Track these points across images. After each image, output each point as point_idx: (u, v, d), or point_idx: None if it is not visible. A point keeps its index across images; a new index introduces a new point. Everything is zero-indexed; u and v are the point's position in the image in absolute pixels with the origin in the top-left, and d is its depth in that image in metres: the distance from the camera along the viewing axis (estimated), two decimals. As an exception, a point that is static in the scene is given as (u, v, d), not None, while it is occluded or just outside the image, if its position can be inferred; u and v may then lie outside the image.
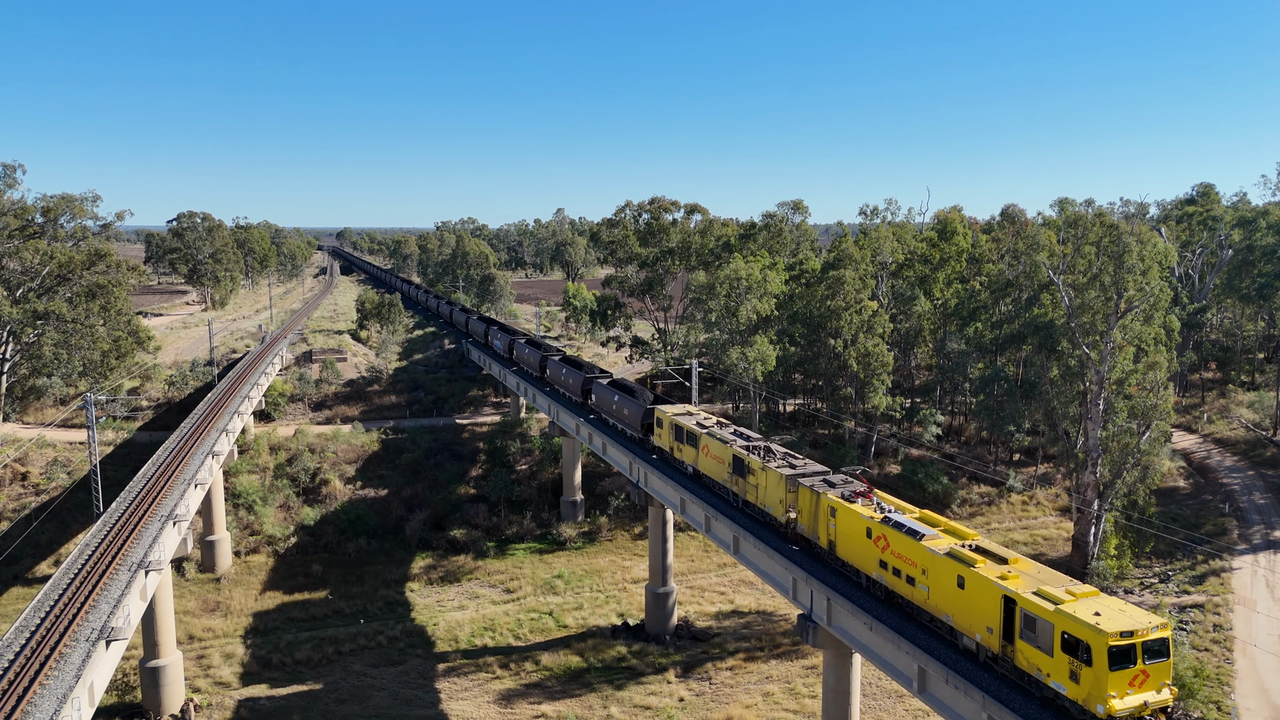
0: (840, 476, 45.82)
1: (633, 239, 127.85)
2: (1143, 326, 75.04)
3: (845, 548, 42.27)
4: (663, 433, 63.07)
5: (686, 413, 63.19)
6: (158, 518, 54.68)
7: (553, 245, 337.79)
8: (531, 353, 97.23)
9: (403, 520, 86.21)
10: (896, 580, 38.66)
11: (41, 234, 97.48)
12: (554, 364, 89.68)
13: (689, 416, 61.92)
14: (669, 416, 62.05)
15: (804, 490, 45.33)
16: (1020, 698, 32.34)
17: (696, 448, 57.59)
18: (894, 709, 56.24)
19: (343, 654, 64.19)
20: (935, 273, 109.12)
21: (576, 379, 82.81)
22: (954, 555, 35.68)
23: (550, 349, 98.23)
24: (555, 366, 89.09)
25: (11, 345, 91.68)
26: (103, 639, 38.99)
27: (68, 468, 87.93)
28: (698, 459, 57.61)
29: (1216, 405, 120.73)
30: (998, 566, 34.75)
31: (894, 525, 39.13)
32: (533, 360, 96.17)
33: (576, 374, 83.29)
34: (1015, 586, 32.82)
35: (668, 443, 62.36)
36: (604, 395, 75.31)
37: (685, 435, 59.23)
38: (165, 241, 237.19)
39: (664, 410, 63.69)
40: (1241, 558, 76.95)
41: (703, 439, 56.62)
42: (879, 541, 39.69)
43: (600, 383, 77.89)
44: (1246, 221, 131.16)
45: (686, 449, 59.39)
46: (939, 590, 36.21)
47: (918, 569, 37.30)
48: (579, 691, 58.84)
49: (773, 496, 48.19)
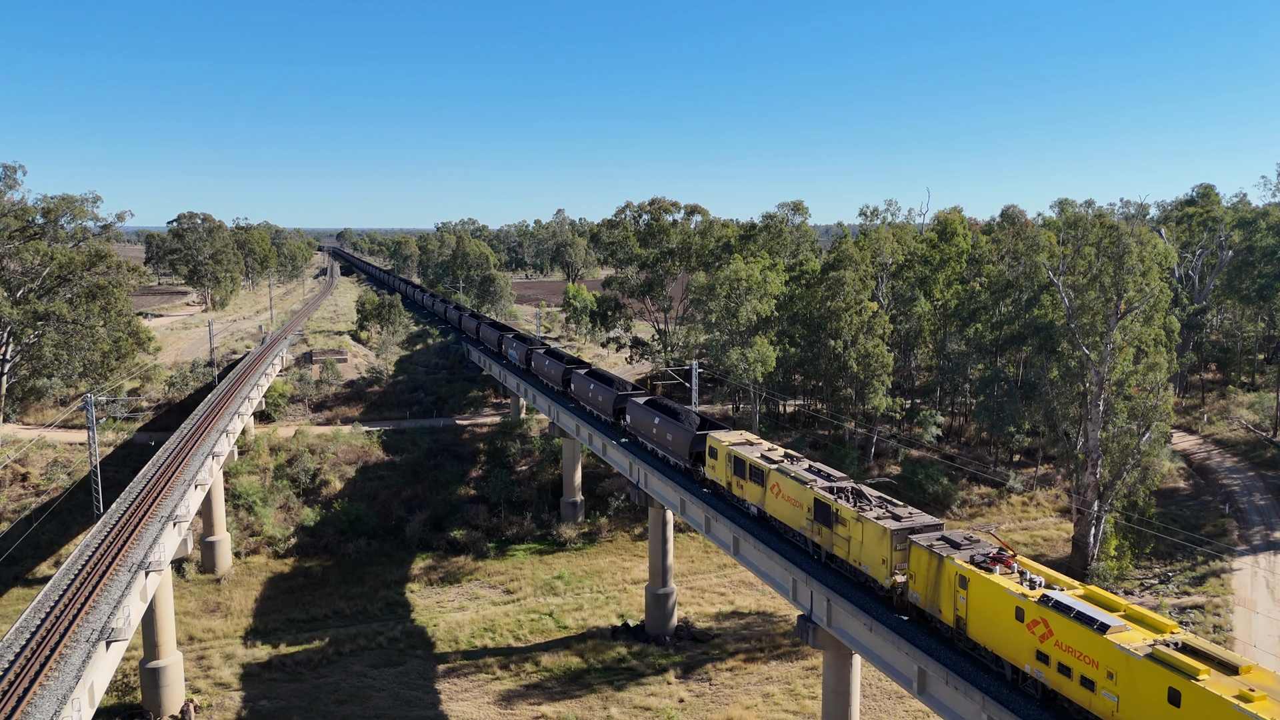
0: (961, 533, 38.26)
1: (633, 240, 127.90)
2: (1143, 327, 75.07)
3: (982, 629, 34.15)
4: (717, 464, 54.85)
5: (746, 441, 54.56)
6: (158, 518, 54.71)
7: (553, 246, 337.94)
8: (552, 365, 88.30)
9: (403, 521, 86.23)
10: (1064, 680, 30.68)
11: (42, 235, 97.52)
12: (579, 378, 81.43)
13: (751, 447, 53.45)
14: (725, 446, 53.87)
15: (919, 551, 37.46)
16: (1020, 698, 32.33)
17: (763, 485, 49.64)
18: (894, 710, 56.25)
19: (343, 655, 64.19)
20: (935, 274, 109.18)
21: (608, 396, 74.26)
22: (1160, 659, 27.48)
23: (573, 361, 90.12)
24: (581, 381, 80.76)
25: (12, 346, 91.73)
26: (103, 640, 39.01)
27: (68, 468, 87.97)
28: (764, 499, 49.66)
29: (1216, 406, 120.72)
30: (1228, 679, 26.27)
31: (1059, 608, 30.85)
32: (554, 374, 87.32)
33: (607, 390, 74.90)
34: (1271, 717, 24.36)
35: (724, 477, 54.09)
36: (641, 416, 66.87)
37: (749, 470, 51.10)
38: (165, 242, 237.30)
39: (719, 438, 55.16)
40: (1242, 559, 76.96)
41: (771, 476, 48.71)
42: (1036, 627, 31.50)
43: (636, 401, 69.39)
44: (1246, 222, 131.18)
45: (750, 486, 51.32)
46: (1137, 703, 28.05)
47: (1100, 670, 29.21)
48: (579, 692, 58.84)
49: (872, 554, 40.17)
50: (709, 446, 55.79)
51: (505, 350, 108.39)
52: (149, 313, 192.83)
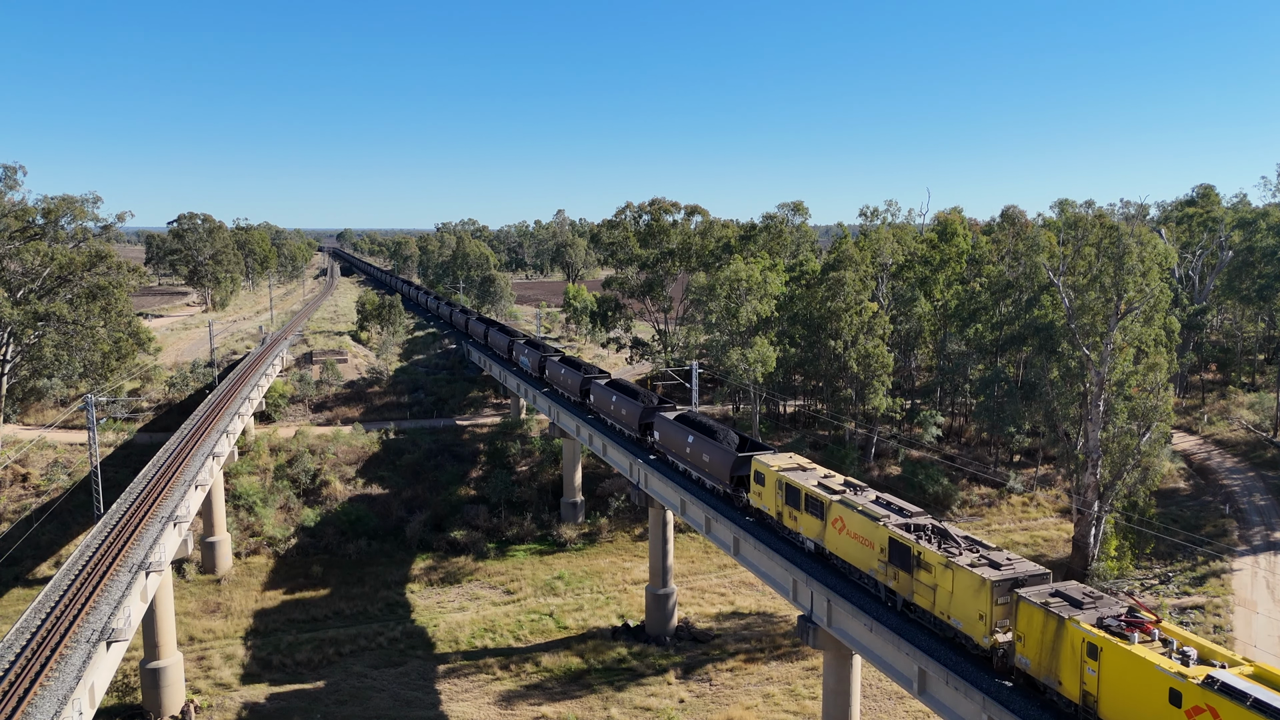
0: (1079, 586, 32.46)
1: (633, 240, 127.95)
2: (1143, 328, 75.11)
3: (1121, 710, 28.69)
4: (764, 491, 49.70)
5: (797, 466, 49.24)
6: (158, 519, 54.74)
7: (553, 246, 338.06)
8: (569, 374, 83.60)
9: (403, 521, 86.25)
10: None
11: (42, 235, 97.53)
12: (600, 389, 76.10)
13: (804, 473, 48.08)
14: (774, 471, 48.70)
15: (1030, 609, 31.86)
16: (1020, 699, 32.34)
17: (823, 519, 44.23)
18: (894, 710, 56.27)
19: (343, 655, 64.23)
20: (935, 274, 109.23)
21: (632, 409, 68.64)
22: None
23: (592, 369, 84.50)
24: (602, 393, 75.29)
25: (12, 346, 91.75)
26: (103, 640, 39.03)
27: (68, 469, 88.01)
28: (824, 534, 44.24)
29: (1217, 406, 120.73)
30: None
31: (1230, 694, 25.43)
32: (571, 383, 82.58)
33: (632, 403, 69.19)
34: None
35: (773, 505, 48.99)
36: (672, 434, 61.39)
37: (805, 500, 45.72)
38: (166, 243, 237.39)
39: (766, 462, 49.81)
40: (1242, 559, 76.98)
41: (834, 509, 43.28)
42: (1199, 716, 26.08)
43: (665, 416, 64.20)
44: (1246, 223, 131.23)
45: (805, 519, 45.94)
46: None
47: None
48: (579, 693, 58.86)
49: (966, 607, 34.82)
50: (754, 471, 50.61)
51: (516, 357, 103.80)
52: (149, 313, 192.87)
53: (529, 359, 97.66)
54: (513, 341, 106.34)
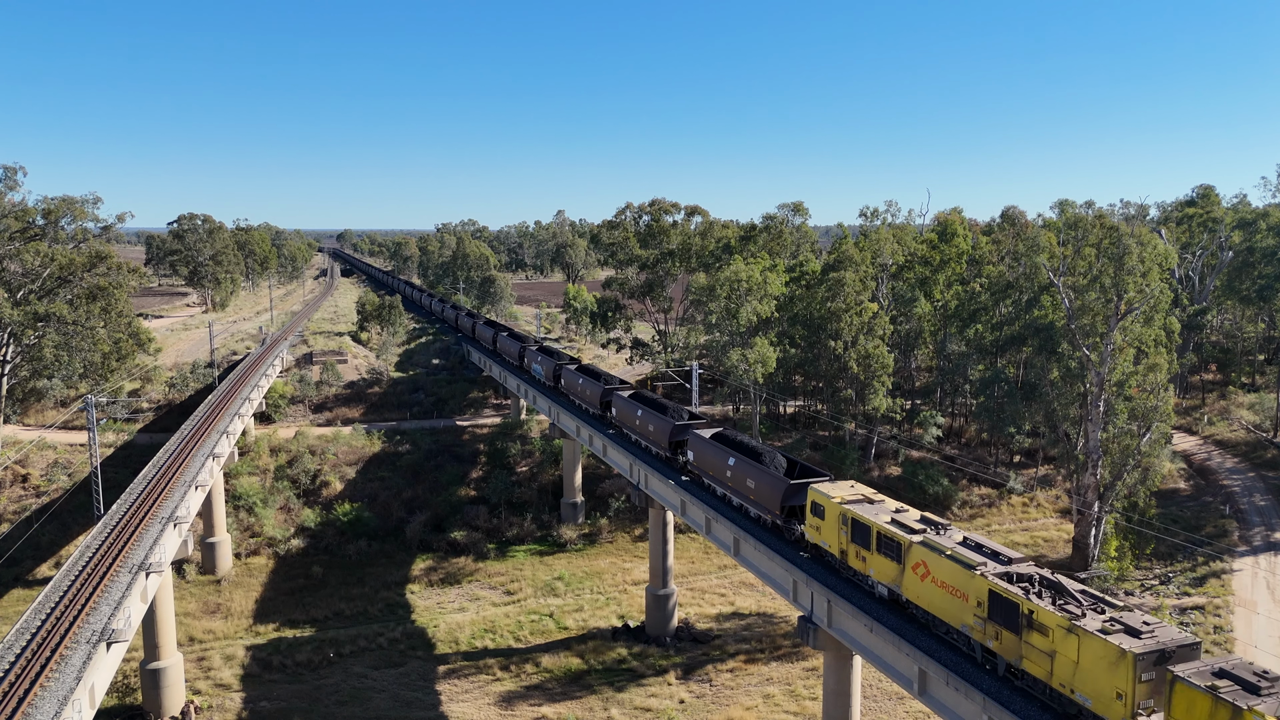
0: (1246, 664, 27.07)
1: (633, 241, 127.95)
2: (1143, 328, 75.11)
3: None
4: (824, 526, 43.68)
5: (863, 498, 43.37)
6: (158, 519, 54.76)
7: (553, 247, 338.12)
8: (588, 384, 78.78)
9: (403, 522, 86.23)
10: None
11: (42, 236, 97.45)
12: (622, 401, 70.64)
13: (871, 506, 42.24)
14: (837, 504, 42.60)
15: (1192, 695, 25.99)
16: (1021, 699, 32.34)
17: (900, 562, 38.39)
18: (895, 711, 56.26)
19: (343, 656, 64.22)
20: (935, 274, 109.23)
21: (661, 425, 62.86)
22: None
23: (611, 379, 79.19)
24: (625, 405, 69.68)
25: (12, 347, 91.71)
26: (103, 641, 39.04)
27: (68, 469, 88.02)
28: (901, 579, 38.28)
29: (1217, 407, 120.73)
30: None
31: None
32: (590, 394, 77.82)
33: (660, 419, 63.55)
34: None
35: (835, 543, 42.87)
36: (710, 455, 55.70)
37: (877, 540, 39.86)
38: (166, 243, 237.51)
39: (826, 493, 43.81)
40: (1242, 559, 76.98)
41: (914, 551, 37.55)
42: None
43: (699, 433, 58.07)
44: (1247, 223, 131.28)
45: (878, 560, 39.87)
46: None
47: None
48: (579, 693, 58.86)
49: (1097, 683, 28.94)
50: (811, 502, 44.79)
51: (528, 364, 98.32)
52: (149, 314, 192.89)
53: (542, 367, 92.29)
54: (524, 348, 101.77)
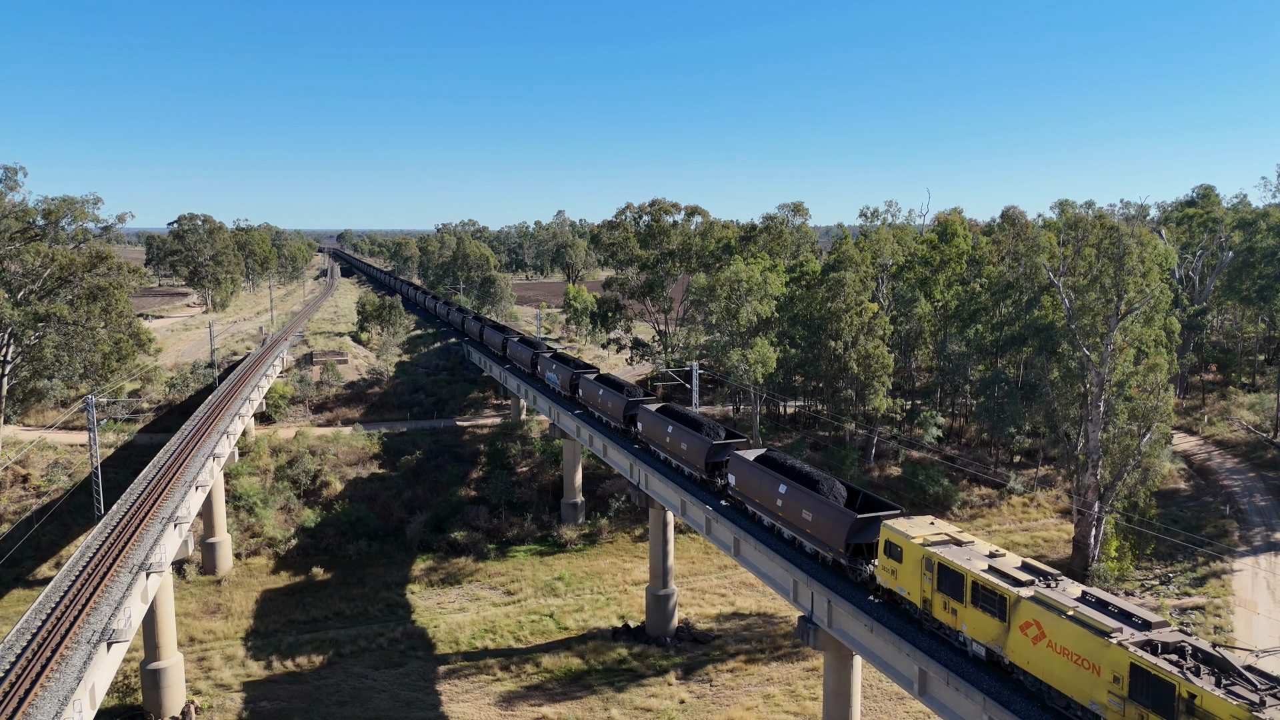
0: None
1: (633, 241, 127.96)
2: (1143, 328, 75.14)
3: None
4: (901, 570, 37.95)
5: (948, 538, 37.36)
6: (159, 520, 54.78)
7: (553, 247, 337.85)
8: (610, 396, 73.11)
9: (403, 522, 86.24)
10: None
11: (43, 236, 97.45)
12: (649, 416, 65.33)
13: (961, 549, 36.38)
14: (918, 546, 36.92)
15: None
16: (1021, 699, 32.34)
17: (1003, 619, 32.57)
18: (895, 711, 56.26)
19: (343, 656, 64.23)
20: (935, 275, 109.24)
21: (696, 445, 57.39)
22: None
23: (634, 390, 74.06)
24: (653, 421, 64.20)
25: (13, 347, 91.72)
26: (104, 641, 39.06)
27: (69, 470, 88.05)
28: (1005, 639, 32.49)
29: (1217, 407, 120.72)
30: None
31: None
32: (612, 407, 72.10)
33: (694, 436, 58.07)
34: None
35: (916, 589, 37.07)
36: (755, 479, 50.08)
37: (973, 591, 33.92)
38: (166, 244, 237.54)
39: (902, 531, 38.26)
40: (1242, 559, 76.97)
41: (1023, 608, 31.62)
42: None
43: (741, 455, 52.68)
44: (1247, 223, 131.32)
45: (973, 615, 34.03)
46: None
47: None
48: (580, 693, 58.87)
49: None
50: (885, 541, 38.95)
51: (542, 372, 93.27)
52: (149, 314, 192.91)
53: (558, 375, 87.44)
54: (537, 354, 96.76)
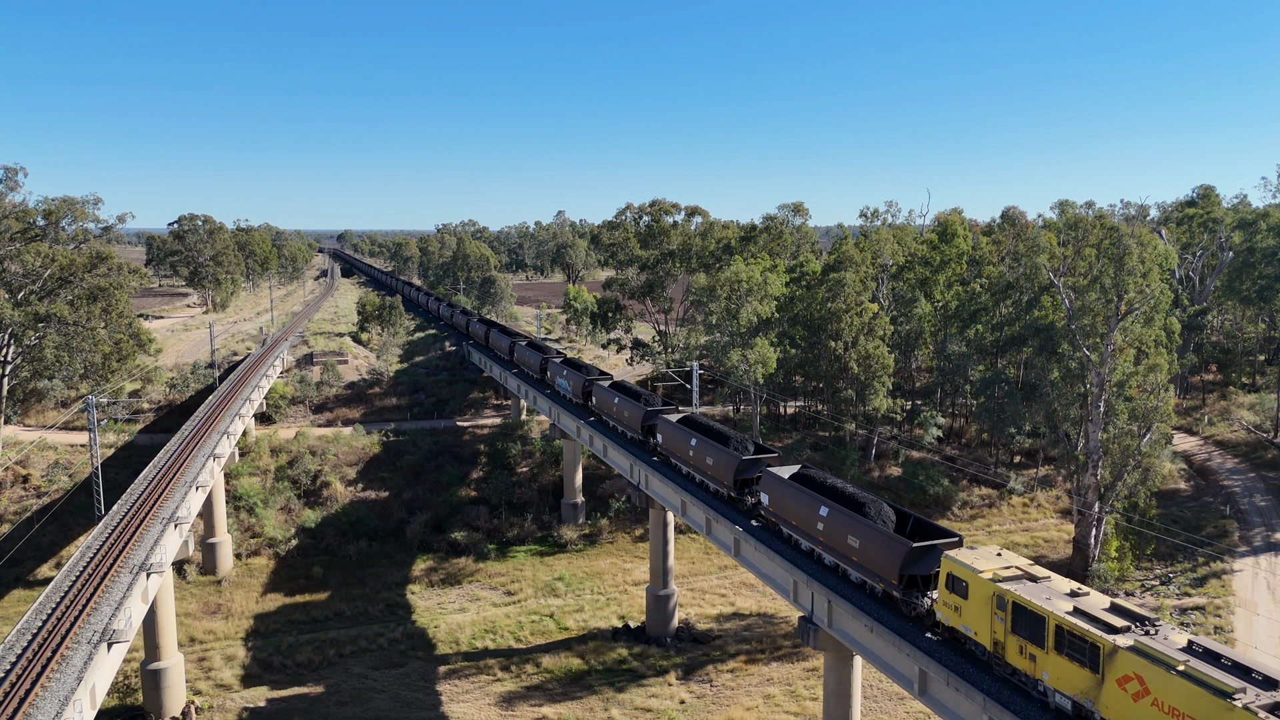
0: None
1: (633, 241, 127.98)
2: (1143, 329, 75.14)
3: None
4: (968, 607, 34.22)
5: (1021, 573, 33.54)
6: (159, 520, 54.79)
7: (553, 248, 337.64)
8: (626, 405, 69.78)
9: (404, 522, 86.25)
10: None
11: (43, 237, 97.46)
12: (670, 427, 61.57)
13: (1037, 586, 32.60)
14: (987, 582, 33.24)
15: None
16: (1021, 700, 32.35)
17: (1098, 671, 28.44)
18: (895, 711, 56.26)
19: (344, 656, 64.24)
20: (936, 275, 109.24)
21: (724, 460, 53.44)
22: None
23: (652, 398, 70.03)
24: (675, 434, 60.31)
25: (13, 348, 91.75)
26: (104, 641, 39.07)
27: (69, 470, 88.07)
28: (1099, 693, 28.41)
29: (1217, 407, 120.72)
30: None
31: None
32: (630, 417, 68.82)
33: (722, 451, 54.11)
34: None
35: (984, 629, 33.36)
36: (790, 499, 46.31)
37: (1055, 636, 29.97)
38: (166, 244, 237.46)
39: (967, 563, 34.45)
40: (1242, 560, 76.96)
41: (1121, 660, 27.60)
42: None
43: (775, 472, 48.71)
44: (1247, 223, 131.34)
45: (1057, 663, 30.15)
46: None
47: None
48: (580, 694, 58.88)
49: None
50: (948, 574, 35.19)
51: (552, 378, 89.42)
52: (150, 314, 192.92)
53: (569, 382, 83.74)
54: (546, 360, 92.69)
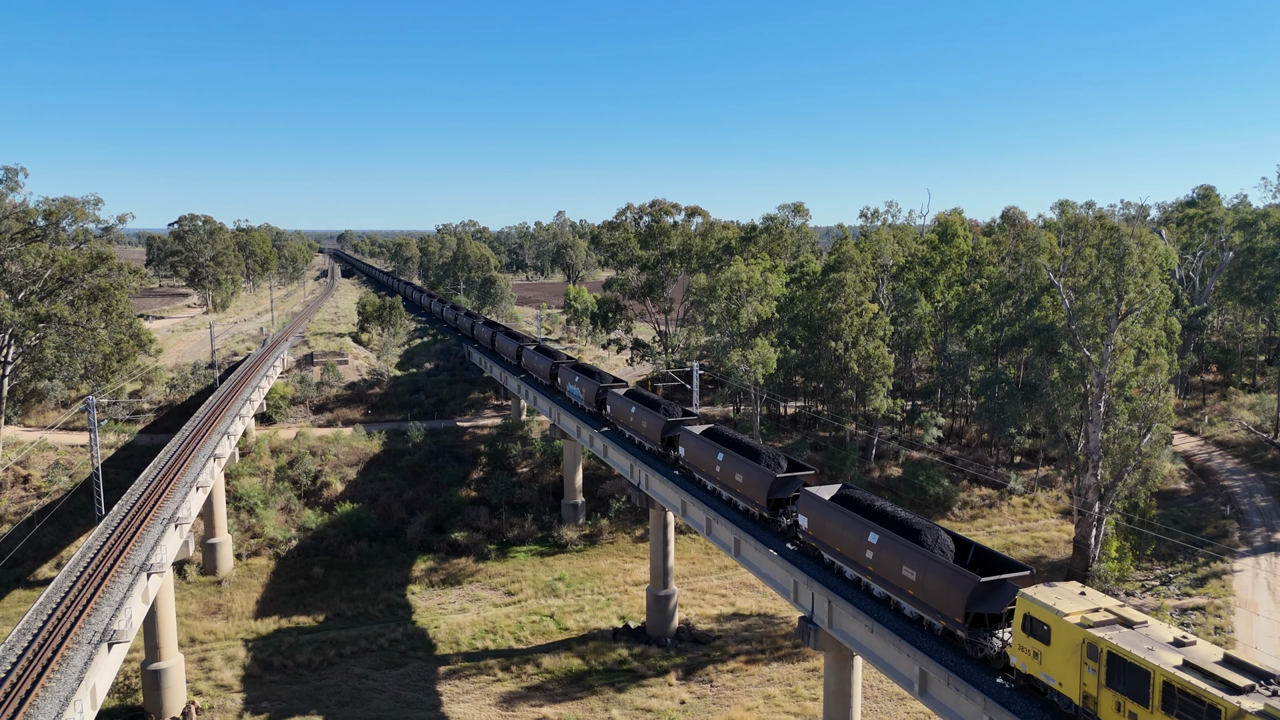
0: None
1: (633, 241, 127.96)
2: (1143, 329, 75.11)
3: None
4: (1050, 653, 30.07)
5: (1113, 617, 29.52)
6: (159, 520, 54.79)
7: (553, 248, 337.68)
8: (643, 414, 66.02)
9: (404, 523, 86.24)
10: None
11: (43, 237, 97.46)
12: (693, 440, 57.89)
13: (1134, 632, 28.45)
14: (1074, 626, 29.13)
15: None
16: (1022, 700, 32.34)
17: None
18: (895, 712, 56.26)
19: (344, 656, 64.23)
20: (936, 275, 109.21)
21: (756, 478, 49.01)
22: None
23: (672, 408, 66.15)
24: (697, 446, 57.02)
25: (13, 348, 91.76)
26: (105, 641, 39.07)
27: (69, 470, 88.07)
28: None
29: (1217, 408, 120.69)
30: None
31: None
32: (649, 428, 64.73)
33: (753, 468, 49.55)
34: None
35: (1072, 680, 29.23)
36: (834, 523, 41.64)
37: (1168, 696, 26.22)
38: (166, 244, 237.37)
39: (1050, 604, 30.31)
40: (1243, 560, 76.94)
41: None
42: None
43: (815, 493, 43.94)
44: (1247, 224, 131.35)
45: None
46: None
47: None
48: (580, 694, 58.87)
49: None
50: (1026, 614, 30.99)
51: (563, 384, 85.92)
52: (150, 315, 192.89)
53: (581, 389, 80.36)
54: (556, 365, 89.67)
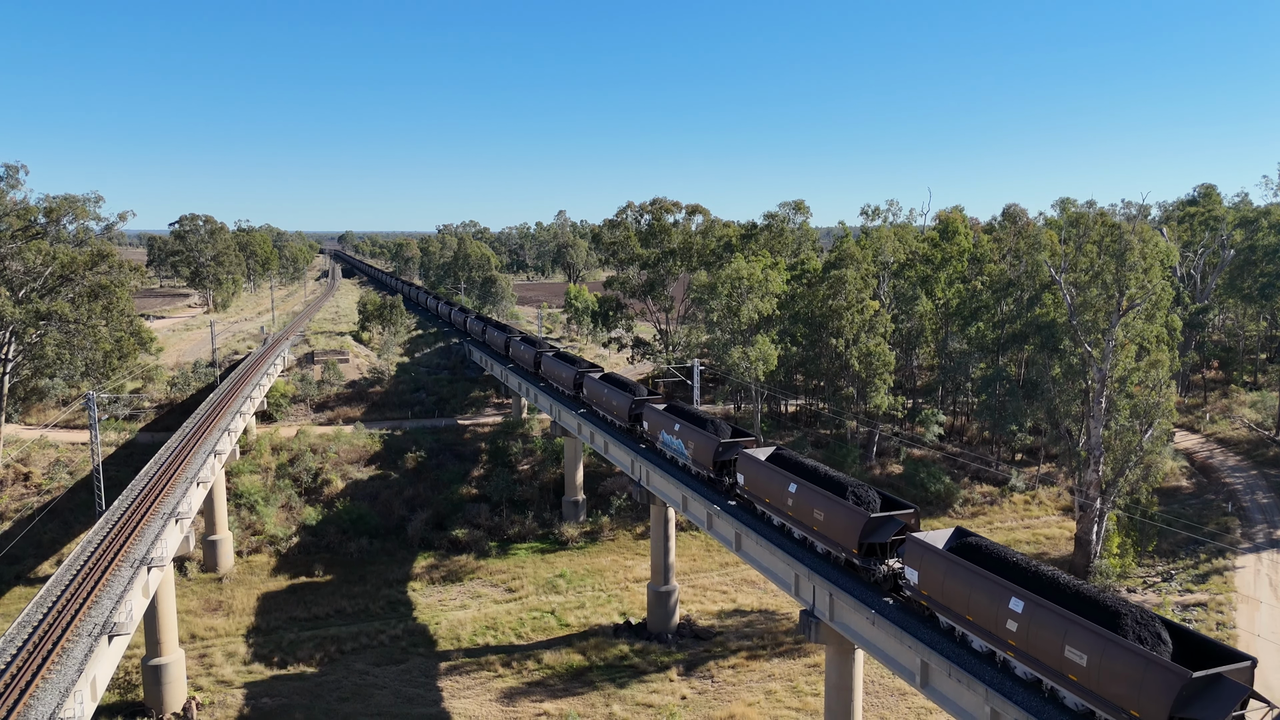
0: None
1: (634, 240, 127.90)
2: (1144, 325, 75.07)
3: None
4: None
5: None
6: (160, 515, 54.77)
7: (554, 248, 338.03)
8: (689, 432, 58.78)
9: (405, 520, 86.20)
10: None
11: (44, 235, 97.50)
12: (756, 466, 50.13)
13: None
14: None
15: None
16: (1023, 691, 32.30)
17: None
18: (896, 706, 56.18)
19: (345, 653, 64.18)
20: (937, 273, 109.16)
21: (844, 515, 42.40)
22: None
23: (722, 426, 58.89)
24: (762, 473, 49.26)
25: (14, 346, 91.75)
26: (105, 634, 39.04)
27: (70, 468, 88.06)
28: None
29: (1219, 405, 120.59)
30: None
31: None
32: (699, 450, 57.00)
33: (837, 505, 43.01)
34: None
35: None
36: (951, 578, 35.22)
37: None
38: (167, 244, 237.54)
39: None
40: (1244, 556, 76.87)
41: None
42: None
43: (922, 539, 37.88)
44: (1248, 222, 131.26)
45: None
46: None
47: None
48: (581, 690, 58.80)
49: None
50: None
51: (585, 394, 79.30)
52: (151, 315, 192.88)
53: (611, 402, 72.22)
54: (580, 374, 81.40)
